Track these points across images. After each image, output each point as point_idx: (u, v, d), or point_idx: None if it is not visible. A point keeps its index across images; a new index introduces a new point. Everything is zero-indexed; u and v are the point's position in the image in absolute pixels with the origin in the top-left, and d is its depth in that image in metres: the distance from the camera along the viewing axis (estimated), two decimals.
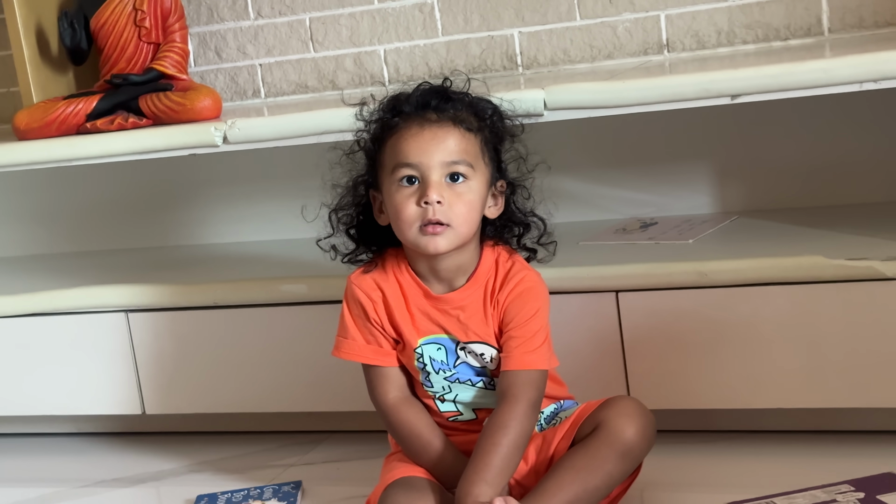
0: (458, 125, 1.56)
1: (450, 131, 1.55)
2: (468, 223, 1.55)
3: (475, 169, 1.55)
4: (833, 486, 1.52)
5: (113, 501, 1.91)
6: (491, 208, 1.60)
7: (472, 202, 1.55)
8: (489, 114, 1.61)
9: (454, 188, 1.54)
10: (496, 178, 1.60)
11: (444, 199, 1.53)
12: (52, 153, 1.99)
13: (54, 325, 2.08)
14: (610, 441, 1.52)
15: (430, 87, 1.59)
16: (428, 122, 1.55)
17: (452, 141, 1.54)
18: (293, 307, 1.96)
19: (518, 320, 1.57)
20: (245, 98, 2.35)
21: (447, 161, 1.54)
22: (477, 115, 1.59)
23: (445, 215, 1.53)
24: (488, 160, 1.58)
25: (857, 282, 1.64)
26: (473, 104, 1.60)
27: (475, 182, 1.55)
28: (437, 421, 1.63)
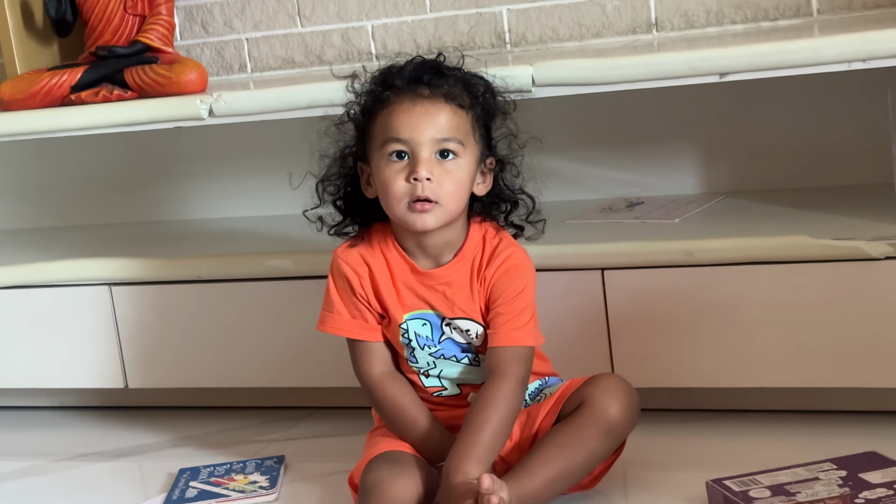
0: (451, 102, 1.55)
1: (441, 108, 1.54)
2: (456, 201, 1.55)
3: (465, 146, 1.55)
4: (816, 464, 1.52)
5: (94, 475, 1.90)
6: (479, 185, 1.60)
7: (462, 179, 1.54)
8: (481, 90, 1.60)
9: (444, 165, 1.53)
10: (486, 156, 1.60)
11: (433, 176, 1.52)
12: (36, 124, 1.98)
13: (37, 297, 2.07)
14: (594, 418, 1.52)
15: (424, 62, 1.58)
16: (420, 98, 1.54)
17: (444, 117, 1.53)
18: (278, 282, 1.95)
19: (505, 297, 1.57)
20: (231, 72, 2.34)
21: (438, 138, 1.53)
22: (469, 91, 1.58)
23: (434, 192, 1.52)
24: (479, 137, 1.58)
25: (843, 262, 1.65)
26: (466, 80, 1.59)
27: (465, 159, 1.55)
28: (422, 396, 1.63)
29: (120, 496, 1.77)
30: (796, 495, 1.44)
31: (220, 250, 2.04)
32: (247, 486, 1.73)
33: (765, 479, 1.49)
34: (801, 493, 1.45)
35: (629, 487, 1.63)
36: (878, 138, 1.85)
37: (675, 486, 1.58)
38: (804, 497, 1.43)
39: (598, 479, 1.58)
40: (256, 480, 1.75)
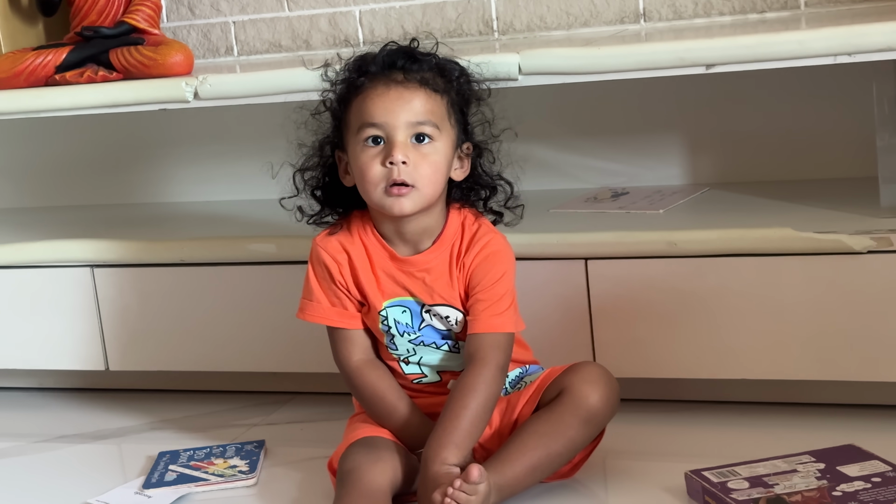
0: (425, 86, 1.55)
1: (416, 92, 1.54)
2: (433, 184, 1.55)
3: (441, 130, 1.55)
4: (794, 456, 1.53)
5: (74, 456, 1.90)
6: (457, 171, 1.60)
7: (438, 163, 1.54)
8: (456, 75, 1.60)
9: (419, 149, 1.53)
10: (462, 141, 1.60)
11: (409, 160, 1.52)
12: (20, 104, 1.97)
13: (19, 278, 2.06)
14: (574, 407, 1.52)
15: (397, 48, 1.59)
16: (394, 83, 1.54)
17: (418, 101, 1.53)
18: (261, 266, 1.95)
19: (484, 283, 1.57)
20: (217, 55, 2.33)
21: (413, 121, 1.53)
22: (444, 76, 1.58)
23: (410, 176, 1.52)
24: (454, 122, 1.58)
25: (825, 255, 1.65)
26: (440, 65, 1.59)
27: (441, 143, 1.55)
28: (402, 383, 1.63)
29: (99, 478, 1.77)
30: (774, 487, 1.44)
31: (203, 233, 2.03)
32: (226, 471, 1.72)
33: (743, 470, 1.50)
34: (780, 484, 1.45)
35: (609, 477, 1.63)
36: (863, 132, 1.86)
37: (654, 476, 1.58)
38: (782, 489, 1.44)
39: (577, 468, 1.59)
40: (236, 465, 1.74)
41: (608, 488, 1.60)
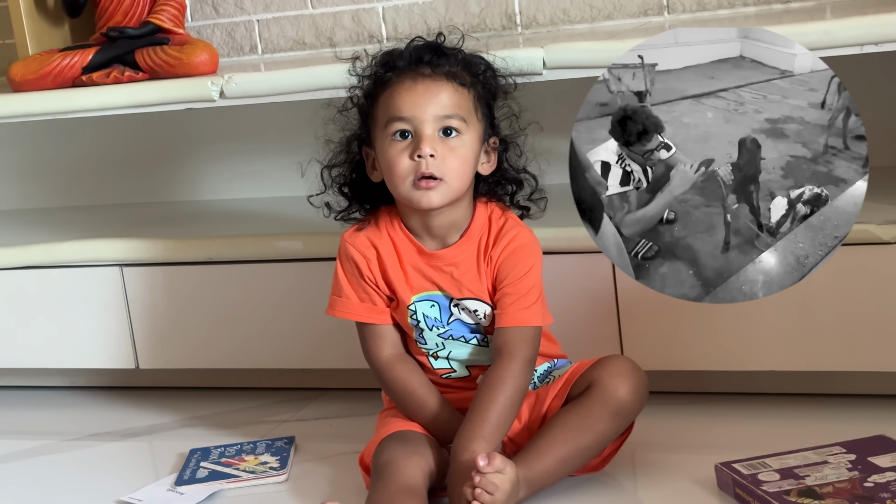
0: (452, 80, 1.55)
1: (443, 86, 1.54)
2: (461, 178, 1.55)
3: (468, 124, 1.55)
4: (825, 447, 1.52)
5: (105, 454, 1.91)
6: (484, 164, 1.60)
7: (465, 156, 1.55)
8: (482, 69, 1.61)
9: (447, 142, 1.54)
10: (489, 135, 1.60)
11: (437, 153, 1.52)
12: (49, 105, 1.98)
13: (49, 278, 2.08)
14: (603, 400, 1.52)
15: (424, 43, 1.59)
16: (421, 77, 1.55)
17: (445, 95, 1.54)
18: (288, 263, 1.95)
19: (512, 277, 1.57)
20: (242, 54, 2.34)
21: (440, 115, 1.53)
22: (470, 70, 1.59)
23: (438, 169, 1.53)
24: (481, 116, 1.58)
25: (854, 245, 1.64)
26: (467, 60, 1.60)
27: (468, 137, 1.55)
28: (431, 378, 1.63)
29: (131, 476, 1.78)
30: (805, 479, 1.44)
31: (230, 231, 2.04)
32: (257, 467, 1.73)
33: (774, 462, 1.49)
34: (810, 476, 1.45)
35: (638, 469, 1.63)
36: (891, 121, 1.85)
37: (684, 469, 1.58)
38: (813, 480, 1.43)
39: (606, 461, 1.59)
40: (267, 461, 1.75)
41: (637, 481, 1.60)
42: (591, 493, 1.56)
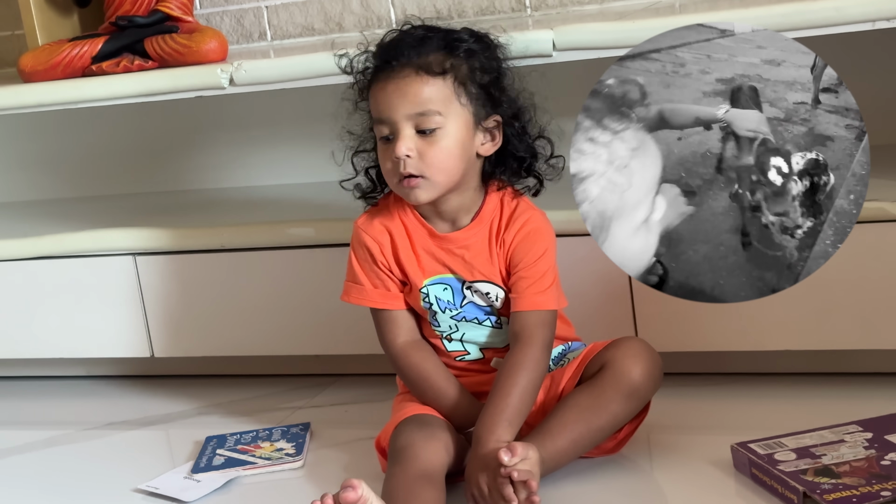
0: (421, 72, 1.52)
1: (411, 81, 1.52)
2: (445, 171, 1.53)
3: (446, 115, 1.52)
4: (841, 426, 1.52)
5: (122, 443, 1.92)
6: (485, 145, 1.57)
7: (448, 148, 1.53)
8: (468, 47, 1.55)
9: (426, 138, 1.52)
10: (486, 114, 1.56)
11: (412, 152, 1.52)
12: (59, 95, 1.98)
13: (62, 268, 2.09)
14: (616, 381, 1.52)
15: (396, 35, 1.56)
16: (393, 74, 1.53)
17: (413, 91, 1.51)
18: (300, 250, 1.96)
19: (526, 261, 1.57)
20: (251, 41, 2.33)
21: (412, 113, 1.52)
22: (451, 52, 1.54)
23: (417, 168, 1.52)
24: (467, 99, 1.54)
25: (868, 223, 1.64)
26: (451, 41, 1.55)
27: (451, 126, 1.53)
28: (445, 362, 1.63)
29: (148, 464, 1.79)
30: (822, 458, 1.44)
31: (242, 219, 2.04)
32: (273, 454, 1.74)
33: (790, 441, 1.49)
34: (827, 455, 1.44)
35: (654, 451, 1.63)
36: None
37: (700, 450, 1.58)
38: (830, 459, 1.43)
39: (622, 444, 1.59)
40: (283, 448, 1.76)
41: (653, 462, 1.60)
42: (607, 475, 1.56)
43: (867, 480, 1.37)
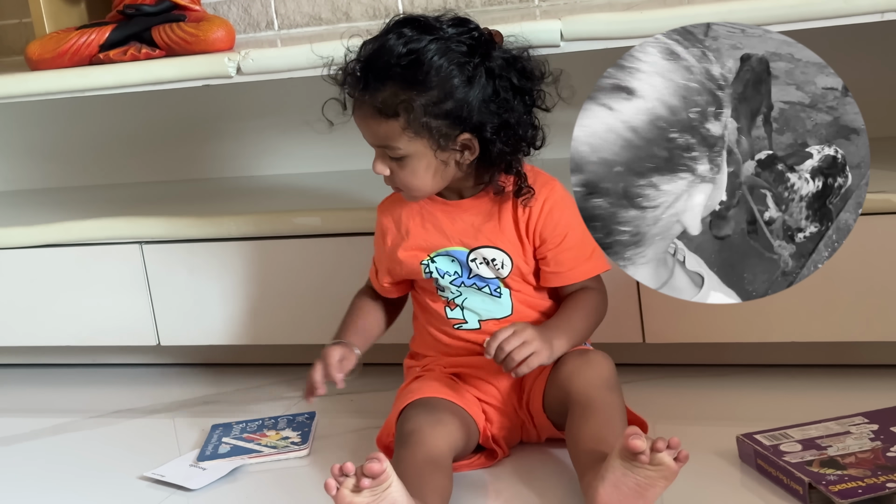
0: (375, 112, 1.53)
1: (369, 118, 1.54)
2: (422, 185, 1.57)
3: (406, 147, 1.53)
4: (847, 418, 1.52)
5: (128, 431, 1.92)
6: (462, 158, 1.56)
7: (415, 170, 1.55)
8: (434, 71, 1.50)
9: (397, 161, 1.55)
10: (451, 137, 1.53)
11: (387, 171, 1.56)
12: (66, 83, 1.98)
13: (69, 256, 2.09)
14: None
15: (361, 64, 1.54)
16: (356, 104, 1.56)
17: (372, 128, 1.54)
18: (306, 240, 1.96)
19: (557, 236, 1.59)
20: (258, 30, 2.33)
21: (375, 143, 1.56)
22: (407, 87, 1.50)
23: (394, 183, 1.58)
24: (424, 133, 1.52)
25: (874, 215, 1.64)
26: (407, 76, 1.50)
27: (413, 156, 1.54)
28: (444, 329, 1.66)
29: (154, 452, 1.79)
30: (827, 449, 1.44)
31: (248, 208, 2.04)
32: (279, 442, 1.74)
33: (795, 433, 1.49)
34: (832, 446, 1.45)
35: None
36: None
37: (705, 441, 1.58)
38: (835, 451, 1.43)
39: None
40: (288, 436, 1.76)
41: None
42: None
43: (873, 472, 1.37)
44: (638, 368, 1.86)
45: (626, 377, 1.83)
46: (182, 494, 1.65)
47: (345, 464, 1.34)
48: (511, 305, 1.62)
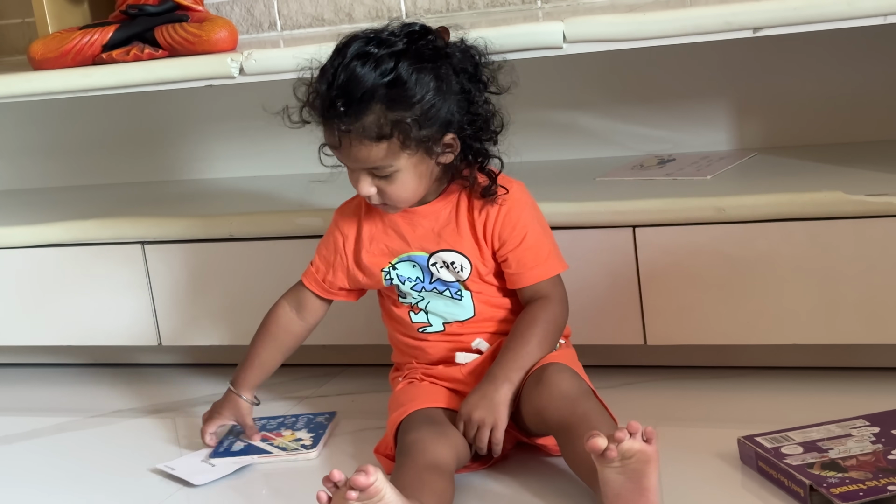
0: (362, 138, 1.52)
1: (355, 146, 1.53)
2: (412, 197, 1.59)
3: (397, 163, 1.54)
4: (848, 420, 1.52)
5: (129, 430, 1.93)
6: (444, 157, 1.57)
7: (407, 183, 1.56)
8: (405, 98, 1.51)
9: (384, 179, 1.55)
10: (437, 141, 1.54)
11: (374, 191, 1.56)
12: (69, 83, 1.98)
13: (71, 255, 2.09)
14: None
15: (336, 95, 1.52)
16: (337, 131, 1.53)
17: (360, 155, 1.53)
18: (308, 240, 1.96)
19: (515, 237, 1.60)
20: (261, 31, 2.33)
21: (362, 167, 1.55)
22: (389, 107, 1.51)
23: (381, 200, 1.58)
24: (415, 146, 1.53)
25: (877, 217, 1.64)
26: (386, 96, 1.50)
27: (403, 170, 1.55)
28: (409, 333, 1.66)
29: (155, 452, 1.79)
30: (828, 452, 1.44)
31: (250, 208, 2.04)
32: (290, 444, 1.73)
33: (797, 435, 1.49)
34: (834, 449, 1.45)
35: (660, 444, 1.61)
36: None
37: (706, 443, 1.58)
38: (836, 454, 1.43)
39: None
40: (301, 438, 1.75)
41: (660, 455, 1.60)
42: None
43: (874, 475, 1.37)
44: (639, 370, 1.86)
45: (627, 379, 1.83)
46: (184, 492, 1.65)
47: (332, 472, 1.34)
48: (473, 307, 1.63)
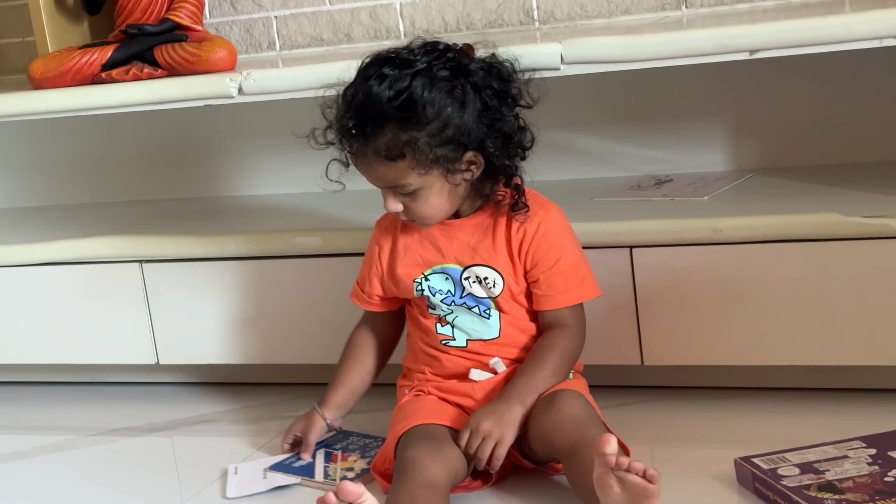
0: (379, 157, 1.54)
1: (373, 164, 1.56)
2: (438, 213, 1.60)
3: (416, 182, 1.55)
4: (845, 442, 1.52)
5: (127, 449, 1.92)
6: (468, 175, 1.58)
7: (429, 199, 1.58)
8: (435, 108, 1.52)
9: (409, 196, 1.57)
10: (457, 159, 1.55)
11: (400, 208, 1.58)
12: (69, 102, 1.99)
13: (69, 274, 2.09)
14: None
15: (352, 116, 1.55)
16: (358, 152, 1.56)
17: (380, 173, 1.56)
18: (307, 259, 1.96)
19: (548, 261, 1.61)
20: (260, 50, 2.34)
21: (384, 186, 1.57)
22: (405, 126, 1.52)
23: (409, 216, 1.60)
24: (432, 165, 1.54)
25: (873, 239, 1.64)
26: (402, 116, 1.52)
27: (425, 188, 1.56)
28: (432, 343, 1.67)
29: (152, 471, 1.79)
30: (825, 473, 1.44)
31: (249, 228, 2.05)
32: (341, 470, 1.69)
33: (793, 456, 1.49)
34: (831, 471, 1.45)
35: (657, 464, 1.61)
36: None
37: (703, 464, 1.58)
38: (833, 475, 1.43)
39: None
40: (353, 468, 1.70)
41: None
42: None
43: (870, 496, 1.37)
44: (636, 390, 1.86)
45: (624, 399, 1.83)
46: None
47: (327, 495, 1.34)
48: (499, 328, 1.64)
